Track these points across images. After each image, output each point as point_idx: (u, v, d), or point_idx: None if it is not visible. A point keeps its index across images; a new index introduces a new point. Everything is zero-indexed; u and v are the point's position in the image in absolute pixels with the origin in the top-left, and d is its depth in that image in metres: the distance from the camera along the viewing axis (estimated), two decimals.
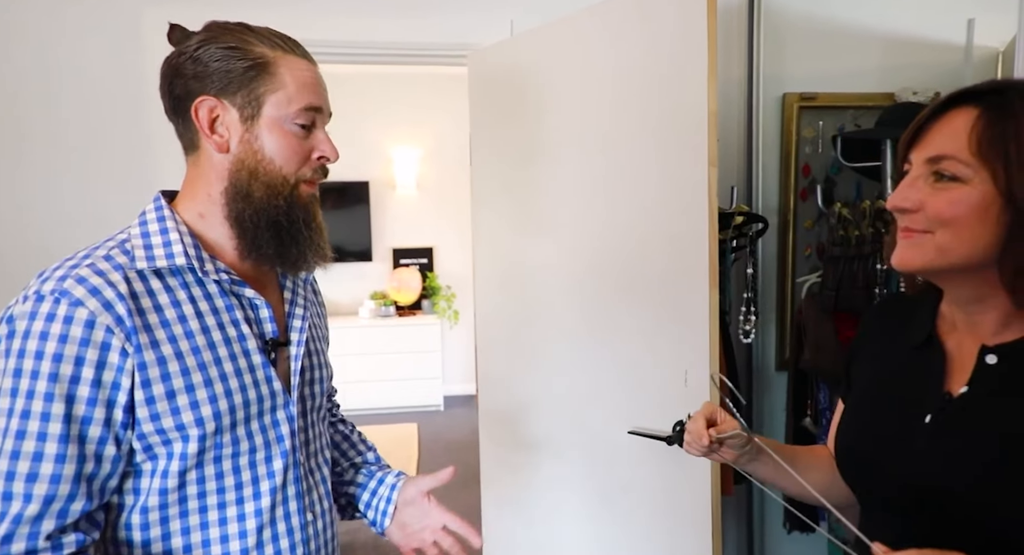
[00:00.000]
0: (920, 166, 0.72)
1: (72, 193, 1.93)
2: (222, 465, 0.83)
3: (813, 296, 1.98)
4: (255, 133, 0.84)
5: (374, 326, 4.93)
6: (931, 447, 0.74)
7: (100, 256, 0.79)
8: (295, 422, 0.90)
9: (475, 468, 2.14)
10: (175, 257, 0.81)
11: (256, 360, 0.85)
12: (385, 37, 2.01)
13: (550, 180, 1.81)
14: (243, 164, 0.84)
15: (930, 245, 0.70)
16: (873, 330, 0.91)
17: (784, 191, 2.10)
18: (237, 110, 0.83)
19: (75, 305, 0.74)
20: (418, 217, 5.29)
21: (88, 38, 1.90)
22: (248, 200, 0.84)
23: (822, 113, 2.08)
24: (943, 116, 0.72)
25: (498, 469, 2.05)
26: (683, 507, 1.57)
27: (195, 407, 0.79)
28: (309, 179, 0.88)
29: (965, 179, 0.68)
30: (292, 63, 0.85)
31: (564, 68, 1.73)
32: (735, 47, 2.06)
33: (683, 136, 1.48)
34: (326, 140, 0.88)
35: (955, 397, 0.74)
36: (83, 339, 0.74)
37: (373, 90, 5.06)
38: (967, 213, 0.68)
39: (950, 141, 0.69)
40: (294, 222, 0.86)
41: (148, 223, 0.84)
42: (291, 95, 0.84)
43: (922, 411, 0.76)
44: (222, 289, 0.85)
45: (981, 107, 0.69)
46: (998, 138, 0.66)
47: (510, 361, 1.98)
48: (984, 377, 0.73)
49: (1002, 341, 0.73)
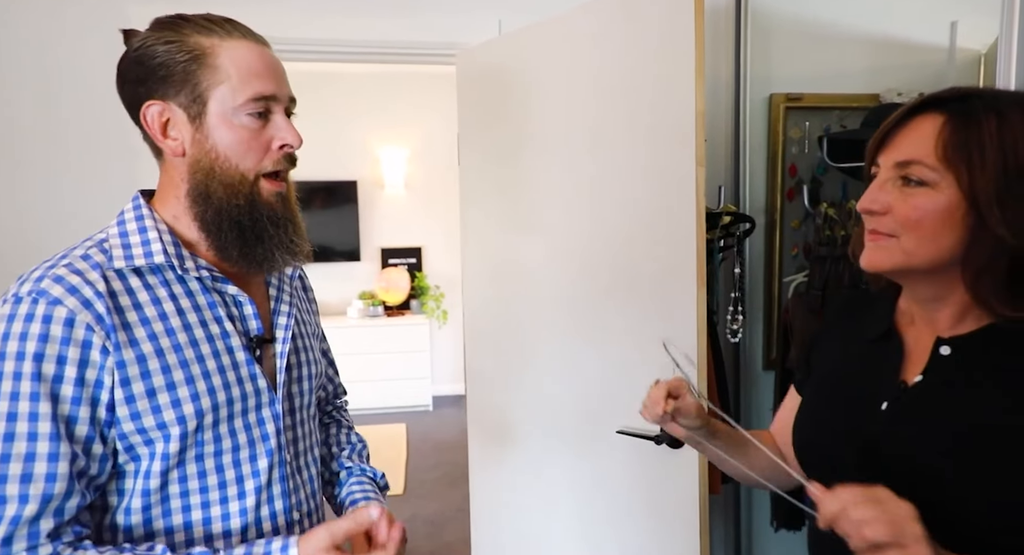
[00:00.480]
0: (888, 170, 0.75)
1: (69, 194, 1.91)
2: (205, 464, 0.82)
3: (800, 296, 1.99)
4: (204, 131, 0.81)
5: (362, 326, 4.91)
6: (886, 433, 0.77)
7: (77, 256, 0.78)
8: (280, 420, 0.89)
9: (463, 468, 2.14)
10: (153, 255, 0.80)
11: (240, 357, 0.84)
12: (374, 35, 2.00)
13: (539, 179, 1.81)
14: (199, 165, 0.81)
15: (896, 248, 0.74)
16: (833, 323, 0.94)
17: (771, 191, 2.11)
18: (183, 110, 0.80)
19: (53, 304, 0.73)
20: (406, 217, 5.27)
21: (83, 38, 1.88)
22: (208, 201, 0.82)
23: (808, 114, 2.09)
24: (910, 122, 0.74)
25: (487, 468, 2.05)
26: (671, 505, 1.58)
27: (176, 405, 0.78)
28: (273, 171, 0.84)
29: (932, 183, 0.71)
30: (232, 49, 0.80)
31: (553, 68, 1.73)
32: (722, 47, 2.07)
33: (671, 136, 1.48)
34: (286, 126, 0.84)
35: (910, 386, 0.78)
36: (64, 338, 0.73)
37: (361, 89, 5.04)
38: (933, 217, 0.71)
39: (917, 146, 0.72)
40: (257, 220, 0.84)
41: (126, 222, 0.83)
42: (236, 86, 0.80)
43: (879, 400, 0.79)
44: (204, 286, 0.84)
45: (946, 114, 0.72)
46: (962, 144, 0.69)
47: (499, 360, 1.98)
48: (938, 367, 0.76)
49: (956, 334, 0.76)
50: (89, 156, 1.91)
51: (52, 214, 1.90)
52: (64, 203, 1.91)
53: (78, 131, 1.90)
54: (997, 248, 0.69)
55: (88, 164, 1.91)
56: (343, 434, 1.14)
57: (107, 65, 1.94)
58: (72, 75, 1.88)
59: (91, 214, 1.91)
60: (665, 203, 1.52)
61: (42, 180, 1.90)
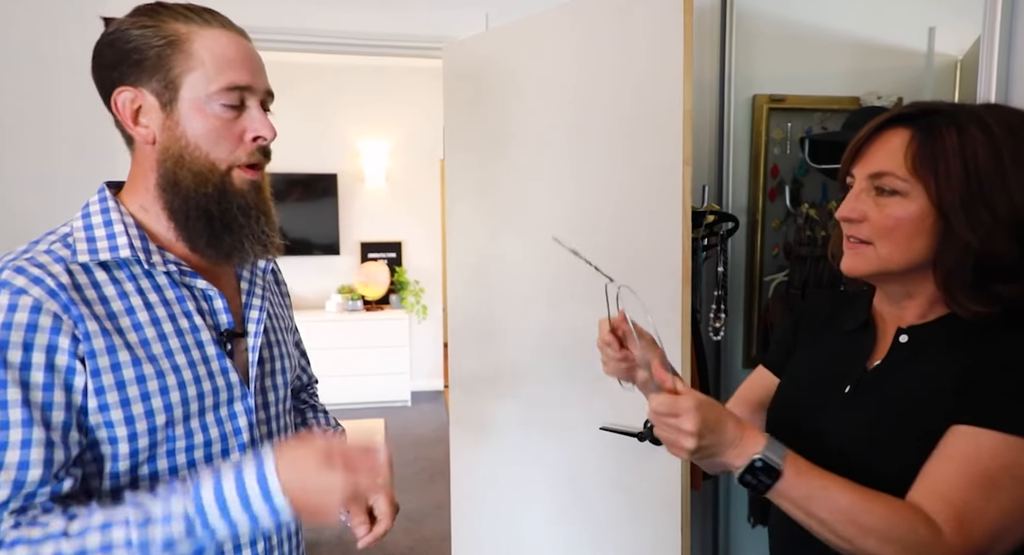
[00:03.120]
0: (863, 181, 0.82)
1: (31, 186, 1.86)
2: (176, 459, 0.81)
3: (780, 295, 2.01)
4: (175, 119, 0.79)
5: (341, 320, 4.87)
6: (844, 412, 0.86)
7: (40, 250, 0.77)
8: (254, 414, 0.88)
9: (442, 463, 2.14)
10: (119, 249, 0.78)
11: (210, 351, 0.83)
12: (360, 27, 1.98)
13: (524, 175, 1.80)
14: (168, 152, 0.80)
15: (873, 255, 0.81)
16: (815, 315, 1.01)
17: (753, 191, 2.13)
18: (155, 96, 0.79)
19: (18, 293, 0.71)
20: (387, 211, 5.24)
21: (49, 25, 1.82)
22: (176, 189, 0.81)
23: (791, 115, 2.11)
24: (880, 136, 0.81)
25: (467, 463, 2.05)
26: (653, 502, 1.59)
27: (145, 398, 0.77)
28: (245, 163, 0.83)
29: (903, 193, 0.78)
30: (210, 37, 0.79)
31: (540, 63, 1.73)
32: (707, 48, 2.08)
33: (657, 134, 1.49)
34: (260, 119, 0.82)
35: (870, 370, 0.86)
36: (29, 324, 0.71)
37: (342, 82, 4.99)
38: (906, 224, 0.78)
39: (888, 159, 0.79)
40: (226, 210, 0.82)
41: (91, 215, 0.81)
42: (210, 74, 0.78)
43: (846, 383, 0.88)
44: (172, 280, 0.82)
45: (912, 128, 0.78)
46: (928, 157, 0.76)
47: (481, 355, 1.98)
48: (896, 353, 0.85)
49: (915, 324, 0.85)
50: (49, 147, 1.86)
51: (12, 207, 1.85)
52: (25, 196, 1.85)
53: (38, 121, 1.84)
54: (964, 251, 0.76)
55: (49, 155, 1.86)
56: (320, 416, 1.15)
57: (71, 52, 1.90)
58: (33, 63, 1.82)
59: (50, 206, 1.87)
60: (650, 201, 1.52)
61: (10, 176, 1.85)
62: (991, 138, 0.74)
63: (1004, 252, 0.74)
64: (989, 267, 0.75)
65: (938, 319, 0.82)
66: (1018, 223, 0.74)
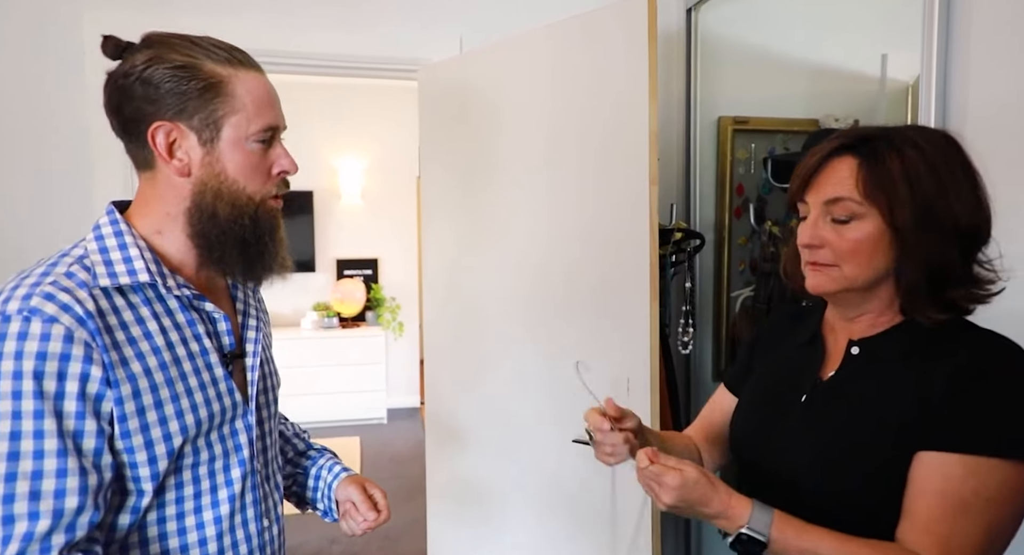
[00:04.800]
0: (818, 207, 0.86)
1: (11, 202, 1.85)
2: (183, 475, 0.83)
3: (747, 309, 2.08)
4: (216, 155, 0.83)
5: (317, 338, 4.84)
6: (800, 423, 0.90)
7: (61, 273, 0.77)
8: (253, 431, 0.91)
9: (419, 480, 2.14)
10: (137, 273, 0.80)
11: (218, 373, 0.86)
12: (337, 49, 2.02)
13: (498, 194, 1.85)
14: (206, 186, 0.83)
15: (839, 275, 0.85)
16: (772, 331, 1.06)
17: (720, 209, 2.20)
18: (195, 133, 0.82)
19: (49, 322, 0.72)
20: (363, 228, 5.24)
21: (27, 42, 1.83)
22: (214, 220, 0.84)
23: (754, 136, 2.20)
24: (827, 165, 0.86)
25: (444, 479, 2.06)
26: (626, 513, 1.62)
27: (163, 423, 0.79)
28: (274, 195, 0.89)
29: (859, 216, 0.83)
30: (246, 80, 0.84)
31: (512, 86, 1.78)
32: (674, 72, 2.16)
33: (626, 154, 1.55)
34: (284, 154, 0.89)
35: (824, 381, 0.91)
36: (63, 354, 0.72)
37: (318, 99, 5.00)
38: (866, 245, 0.83)
39: (840, 186, 0.83)
40: (260, 238, 0.87)
41: (105, 238, 0.82)
42: (250, 115, 0.83)
43: (800, 394, 0.92)
44: (182, 304, 0.85)
45: (857, 157, 0.83)
46: (878, 181, 0.81)
47: (457, 371, 2.00)
48: (848, 364, 0.89)
49: (865, 336, 0.89)
50: (28, 164, 1.85)
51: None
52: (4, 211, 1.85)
53: (19, 138, 1.84)
54: (920, 265, 0.81)
55: (28, 171, 1.86)
56: (289, 426, 1.17)
57: (49, 70, 1.91)
58: (13, 81, 1.83)
59: (34, 221, 1.87)
60: (620, 219, 1.58)
61: None
62: (926, 157, 0.80)
63: (951, 260, 0.80)
64: (941, 275, 0.81)
65: (886, 331, 0.87)
66: (958, 232, 0.80)
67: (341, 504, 1.05)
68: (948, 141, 0.83)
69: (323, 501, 1.07)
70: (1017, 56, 1.13)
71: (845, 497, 0.83)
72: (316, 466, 1.10)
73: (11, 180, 1.85)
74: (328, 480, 1.07)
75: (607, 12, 1.56)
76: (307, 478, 1.10)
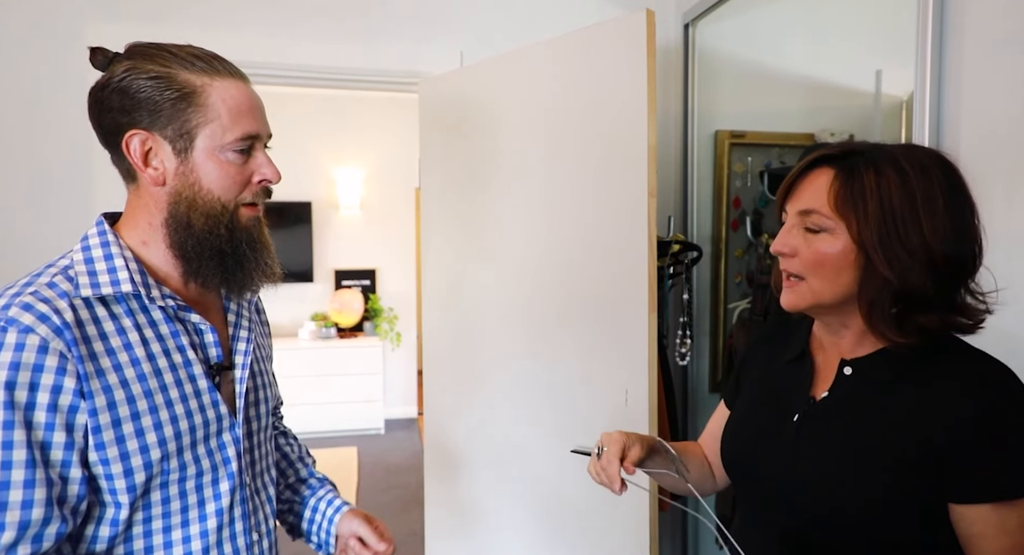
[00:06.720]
0: (794, 217, 0.86)
1: (13, 214, 1.86)
2: (169, 490, 0.82)
3: (744, 321, 2.09)
4: (189, 165, 0.82)
5: (315, 348, 4.84)
6: (795, 443, 0.88)
7: (43, 284, 0.77)
8: (240, 444, 0.90)
9: (415, 491, 2.14)
10: (120, 283, 0.80)
11: (202, 385, 0.85)
12: (338, 62, 2.04)
13: (497, 206, 1.86)
14: (180, 196, 0.82)
15: (806, 290, 0.85)
16: (761, 347, 1.05)
17: (717, 222, 2.22)
18: (169, 143, 0.81)
19: (25, 332, 0.72)
20: (361, 238, 5.25)
21: (29, 54, 1.85)
22: (189, 230, 0.83)
23: (751, 150, 2.23)
24: (809, 174, 0.86)
25: (441, 490, 2.06)
26: (622, 524, 1.62)
27: (140, 434, 0.78)
28: (250, 202, 0.86)
29: (829, 230, 0.82)
30: (222, 89, 0.82)
31: (512, 99, 1.80)
32: (672, 86, 2.19)
33: (624, 167, 1.56)
34: (267, 163, 0.87)
35: (817, 401, 0.89)
36: (36, 365, 0.72)
37: (317, 110, 5.03)
38: (833, 259, 0.82)
39: (815, 197, 0.83)
40: (237, 247, 0.86)
41: (91, 248, 0.82)
42: (225, 125, 0.82)
43: (792, 413, 0.90)
44: (167, 315, 0.84)
45: (835, 169, 0.83)
46: (849, 196, 0.80)
47: (455, 382, 2.01)
48: (841, 385, 0.88)
49: (856, 356, 0.88)
50: (31, 175, 1.87)
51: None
52: (4, 224, 1.86)
53: (20, 149, 1.86)
54: (883, 285, 0.80)
55: (31, 183, 1.87)
56: (292, 443, 1.16)
57: (52, 82, 1.93)
58: (14, 92, 1.85)
59: (34, 233, 1.87)
60: (618, 231, 1.59)
61: None
62: (905, 179, 0.78)
63: (920, 285, 0.78)
64: (908, 299, 0.79)
65: (879, 351, 0.85)
66: (931, 259, 0.77)
67: (342, 538, 1.03)
68: (938, 165, 0.80)
69: (318, 534, 1.05)
70: (1009, 73, 1.15)
71: (842, 519, 0.81)
72: (315, 497, 1.08)
73: (10, 191, 1.86)
74: (328, 513, 1.05)
75: (606, 27, 1.58)
76: (304, 508, 1.08)
